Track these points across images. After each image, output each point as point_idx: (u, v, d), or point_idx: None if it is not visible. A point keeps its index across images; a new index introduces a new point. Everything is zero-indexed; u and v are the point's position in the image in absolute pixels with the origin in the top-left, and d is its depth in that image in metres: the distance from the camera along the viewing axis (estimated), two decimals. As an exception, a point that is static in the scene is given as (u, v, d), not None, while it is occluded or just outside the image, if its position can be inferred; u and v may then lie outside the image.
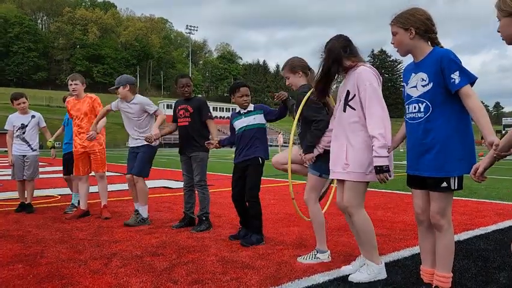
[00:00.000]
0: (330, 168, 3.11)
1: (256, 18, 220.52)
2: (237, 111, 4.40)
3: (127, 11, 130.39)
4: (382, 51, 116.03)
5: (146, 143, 4.99)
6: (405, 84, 2.66)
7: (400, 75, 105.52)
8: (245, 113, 4.28)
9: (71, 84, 5.50)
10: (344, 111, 2.95)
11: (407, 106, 2.62)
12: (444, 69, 2.38)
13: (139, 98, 5.16)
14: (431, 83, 2.44)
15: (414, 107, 2.54)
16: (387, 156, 2.73)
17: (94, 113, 5.51)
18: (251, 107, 4.31)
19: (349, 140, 2.94)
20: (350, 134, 2.93)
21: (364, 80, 2.83)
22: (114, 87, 5.10)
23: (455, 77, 2.34)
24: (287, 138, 44.73)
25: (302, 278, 3.01)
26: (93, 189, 6.05)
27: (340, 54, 2.92)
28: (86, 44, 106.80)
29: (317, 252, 3.46)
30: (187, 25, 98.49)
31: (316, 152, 3.34)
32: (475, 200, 6.69)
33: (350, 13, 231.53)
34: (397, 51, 2.65)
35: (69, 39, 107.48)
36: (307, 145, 3.36)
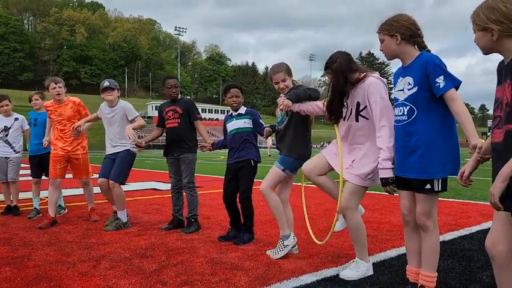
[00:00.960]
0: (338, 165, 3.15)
1: (246, 20, 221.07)
2: (229, 113, 4.45)
3: (115, 12, 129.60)
4: (370, 54, 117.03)
5: (125, 148, 4.96)
6: (394, 88, 2.72)
7: (388, 77, 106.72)
8: (236, 115, 4.33)
9: (54, 88, 5.20)
10: (357, 120, 3.01)
11: (394, 109, 2.69)
12: (430, 73, 2.43)
13: (122, 102, 5.12)
14: (416, 87, 2.50)
15: (400, 110, 2.60)
16: (392, 168, 2.74)
17: (78, 117, 5.34)
18: (242, 109, 4.35)
19: (360, 147, 3.04)
20: (362, 142, 3.03)
21: (375, 92, 2.87)
22: (110, 86, 4.98)
23: (440, 81, 2.39)
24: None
25: (290, 278, 3.05)
26: (78, 191, 6.01)
27: (349, 73, 2.95)
28: (73, 45, 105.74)
29: (282, 240, 3.63)
30: (175, 26, 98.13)
31: (294, 107, 3.39)
32: (460, 201, 6.80)
33: (338, 16, 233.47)
34: (385, 56, 2.70)
35: (56, 40, 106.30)
36: (295, 95, 3.36)
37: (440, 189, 2.52)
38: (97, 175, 5.14)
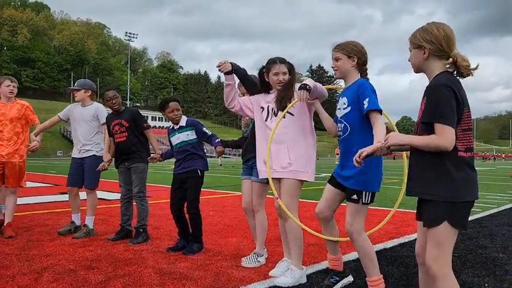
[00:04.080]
0: (263, 168, 3.36)
1: (200, 30, 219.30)
2: (171, 127, 4.42)
3: (61, 14, 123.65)
4: (320, 67, 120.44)
5: (90, 154, 5.00)
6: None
7: (336, 91, 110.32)
8: (178, 128, 4.33)
9: (9, 85, 5.01)
10: (284, 117, 3.26)
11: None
12: (360, 95, 2.74)
13: (96, 103, 5.17)
14: (350, 107, 2.79)
15: (338, 127, 2.90)
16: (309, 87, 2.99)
17: (22, 121, 5.07)
18: (183, 121, 4.34)
19: (289, 143, 3.25)
20: (291, 137, 3.26)
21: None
22: (79, 88, 5.06)
23: (366, 102, 2.68)
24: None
25: (239, 287, 3.10)
26: (20, 201, 5.71)
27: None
28: (14, 46, 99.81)
29: (258, 255, 3.72)
30: (126, 32, 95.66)
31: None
32: (401, 210, 7.17)
33: (291, 30, 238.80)
34: (335, 74, 2.95)
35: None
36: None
37: (367, 202, 2.78)
38: (38, 183, 4.94)
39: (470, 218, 6.13)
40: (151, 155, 4.70)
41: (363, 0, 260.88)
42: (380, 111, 2.69)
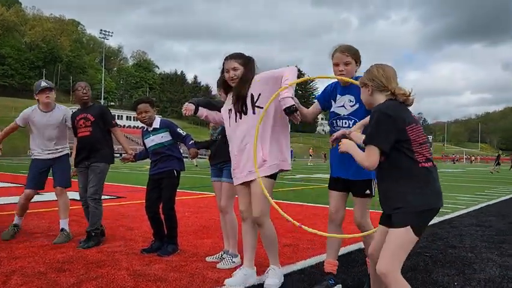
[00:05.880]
0: (241, 172, 3.21)
1: (178, 30, 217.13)
2: (145, 128, 4.35)
3: (33, 10, 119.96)
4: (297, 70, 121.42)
5: (63, 153, 4.82)
6: (333, 102, 3.10)
7: (312, 93, 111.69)
8: (152, 130, 4.26)
9: None
10: (254, 113, 3.12)
11: (335, 121, 3.09)
12: None
13: (62, 107, 4.90)
14: (357, 104, 2.99)
15: (345, 122, 3.02)
16: (292, 98, 2.94)
17: None
18: (157, 122, 4.27)
19: (262, 139, 3.09)
20: (261, 133, 3.08)
21: (266, 71, 3.22)
22: (49, 86, 4.70)
23: None
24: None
25: (214, 288, 3.09)
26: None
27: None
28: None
29: (232, 256, 3.71)
30: (101, 29, 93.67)
31: (201, 112, 3.60)
32: (377, 211, 7.29)
33: (269, 31, 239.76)
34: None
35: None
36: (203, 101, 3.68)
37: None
38: (7, 183, 4.79)
39: (441, 218, 6.28)
40: (123, 155, 4.57)
41: (340, 5, 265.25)
42: None
